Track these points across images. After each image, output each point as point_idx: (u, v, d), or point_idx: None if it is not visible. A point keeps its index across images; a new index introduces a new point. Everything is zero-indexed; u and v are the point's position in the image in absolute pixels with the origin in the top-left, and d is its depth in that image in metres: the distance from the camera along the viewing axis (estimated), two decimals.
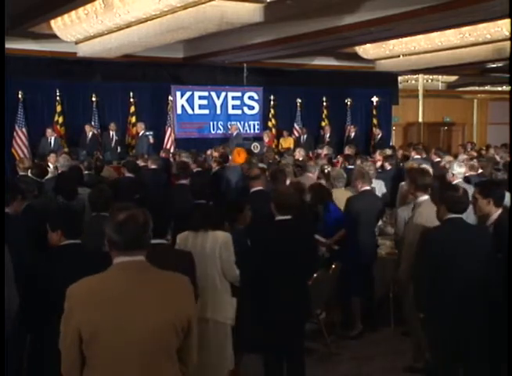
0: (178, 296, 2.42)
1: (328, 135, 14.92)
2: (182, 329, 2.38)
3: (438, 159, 9.26)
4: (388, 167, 8.86)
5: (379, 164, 9.33)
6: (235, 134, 14.01)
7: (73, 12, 9.09)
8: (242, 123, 15.19)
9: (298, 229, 4.36)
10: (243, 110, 15.29)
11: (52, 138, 12.30)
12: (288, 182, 6.79)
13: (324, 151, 10.74)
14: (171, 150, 12.74)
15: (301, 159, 9.73)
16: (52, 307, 3.23)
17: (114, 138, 13.04)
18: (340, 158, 10.29)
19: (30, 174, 7.14)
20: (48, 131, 12.33)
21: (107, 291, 2.34)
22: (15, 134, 12.46)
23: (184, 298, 2.44)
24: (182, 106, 14.64)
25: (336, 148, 12.88)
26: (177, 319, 2.36)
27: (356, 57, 13.54)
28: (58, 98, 12.98)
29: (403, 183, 5.92)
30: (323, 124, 15.72)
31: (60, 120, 13.00)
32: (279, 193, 4.47)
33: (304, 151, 10.65)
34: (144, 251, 2.39)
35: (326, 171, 8.08)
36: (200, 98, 14.82)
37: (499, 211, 4.13)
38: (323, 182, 7.21)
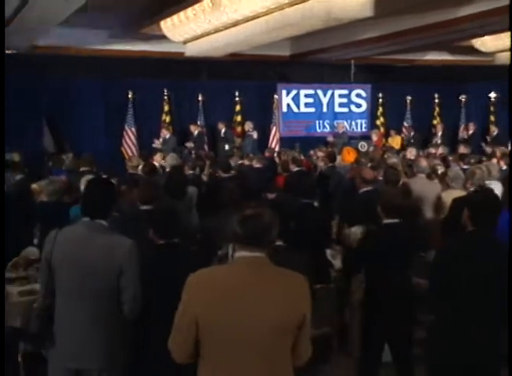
0: (296, 294, 2.43)
1: (440, 134, 14.22)
2: (297, 327, 2.40)
3: None
4: (504, 166, 8.20)
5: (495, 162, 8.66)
6: (341, 133, 13.71)
7: (181, 13, 9.26)
8: (349, 121, 14.83)
9: (407, 233, 4.16)
10: (350, 108, 14.94)
11: (167, 136, 12.53)
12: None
13: (439, 150, 10.22)
14: (276, 149, 12.67)
15: (412, 158, 9.30)
16: (153, 302, 3.27)
17: (222, 136, 13.16)
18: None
19: (140, 172, 7.32)
20: (163, 130, 12.65)
21: (226, 284, 2.39)
22: (124, 133, 12.89)
23: (301, 296, 2.45)
24: (288, 104, 14.53)
25: (449, 148, 12.24)
26: (295, 318, 2.38)
27: (473, 51, 12.82)
28: (165, 97, 13.29)
29: None
30: (435, 122, 15.13)
31: (168, 119, 13.30)
32: (387, 195, 4.26)
33: (416, 150, 10.18)
34: (265, 249, 2.43)
35: (439, 171, 7.69)
36: (306, 96, 14.63)
37: None
38: (436, 182, 6.89)
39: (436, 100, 15.33)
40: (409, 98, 15.14)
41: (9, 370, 3.96)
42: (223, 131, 13.17)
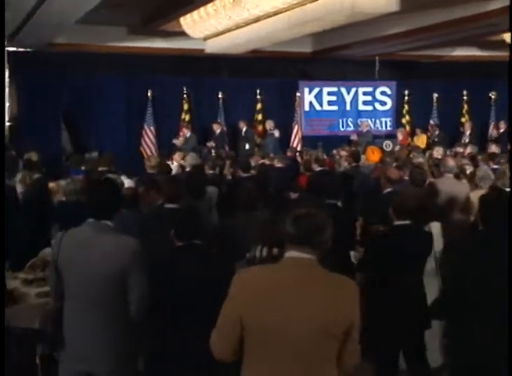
0: (342, 299, 2.40)
1: (469, 133, 13.84)
2: (343, 333, 2.37)
3: None
4: None
5: None
6: (365, 131, 13.44)
7: (202, 9, 9.15)
8: (373, 120, 14.53)
9: (417, 235, 4.12)
10: (374, 106, 14.64)
11: (188, 134, 12.36)
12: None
13: (467, 150, 9.94)
14: (298, 148, 12.47)
15: (439, 158, 9.05)
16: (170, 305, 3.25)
17: (242, 135, 12.99)
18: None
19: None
20: (183, 129, 12.53)
21: (271, 283, 2.39)
22: (143, 132, 12.77)
23: (349, 301, 2.42)
24: (310, 102, 14.31)
25: (478, 147, 11.92)
26: (339, 323, 2.35)
27: (503, 46, 12.46)
28: (185, 95, 13.15)
29: None
30: (463, 120, 14.72)
31: (187, 118, 13.14)
32: (398, 197, 4.25)
33: (443, 150, 9.90)
34: (316, 251, 2.42)
35: (467, 171, 7.46)
36: (329, 94, 14.38)
37: None
38: (464, 182, 6.71)
39: (464, 97, 14.90)
40: (435, 95, 14.76)
41: (27, 372, 3.98)
42: (244, 130, 12.98)
